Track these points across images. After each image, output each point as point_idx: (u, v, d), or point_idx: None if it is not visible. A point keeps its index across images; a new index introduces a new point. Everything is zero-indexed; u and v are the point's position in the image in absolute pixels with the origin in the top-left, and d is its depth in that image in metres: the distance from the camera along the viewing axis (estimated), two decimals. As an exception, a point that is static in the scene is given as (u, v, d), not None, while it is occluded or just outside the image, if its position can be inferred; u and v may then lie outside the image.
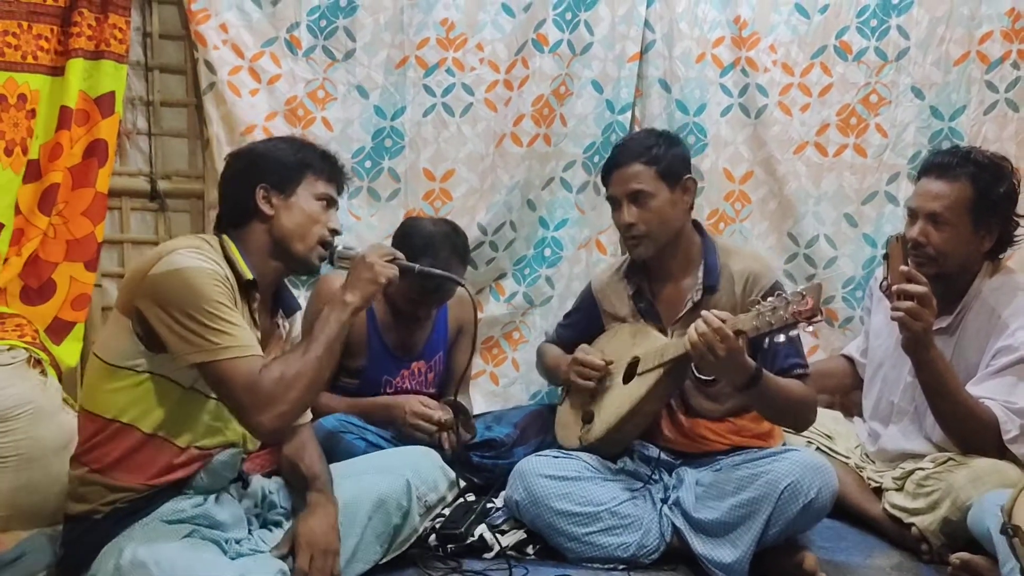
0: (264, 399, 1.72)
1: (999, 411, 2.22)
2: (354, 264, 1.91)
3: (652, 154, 2.28)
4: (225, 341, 1.72)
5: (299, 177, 1.94)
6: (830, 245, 3.06)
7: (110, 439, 1.80)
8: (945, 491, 2.18)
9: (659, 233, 2.28)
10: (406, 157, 2.99)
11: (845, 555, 2.27)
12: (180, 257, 1.75)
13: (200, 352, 1.71)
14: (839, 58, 3.00)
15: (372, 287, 1.88)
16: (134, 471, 1.80)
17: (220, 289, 1.75)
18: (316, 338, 1.81)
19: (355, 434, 2.39)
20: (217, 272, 1.77)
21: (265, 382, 1.72)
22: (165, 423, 1.81)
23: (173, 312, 1.71)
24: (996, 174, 2.34)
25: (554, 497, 2.19)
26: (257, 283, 1.88)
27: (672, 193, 2.29)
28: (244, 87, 2.86)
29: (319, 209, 1.95)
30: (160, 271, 1.74)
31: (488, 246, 3.04)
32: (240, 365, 1.72)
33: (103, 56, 2.73)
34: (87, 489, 1.81)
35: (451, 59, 2.96)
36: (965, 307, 2.37)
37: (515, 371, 3.10)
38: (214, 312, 1.72)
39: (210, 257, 1.79)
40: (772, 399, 2.13)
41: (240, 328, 1.75)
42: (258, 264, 1.90)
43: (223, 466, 1.91)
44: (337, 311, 1.85)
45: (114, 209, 2.88)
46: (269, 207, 1.91)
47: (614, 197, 2.33)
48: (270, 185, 1.91)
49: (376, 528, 1.99)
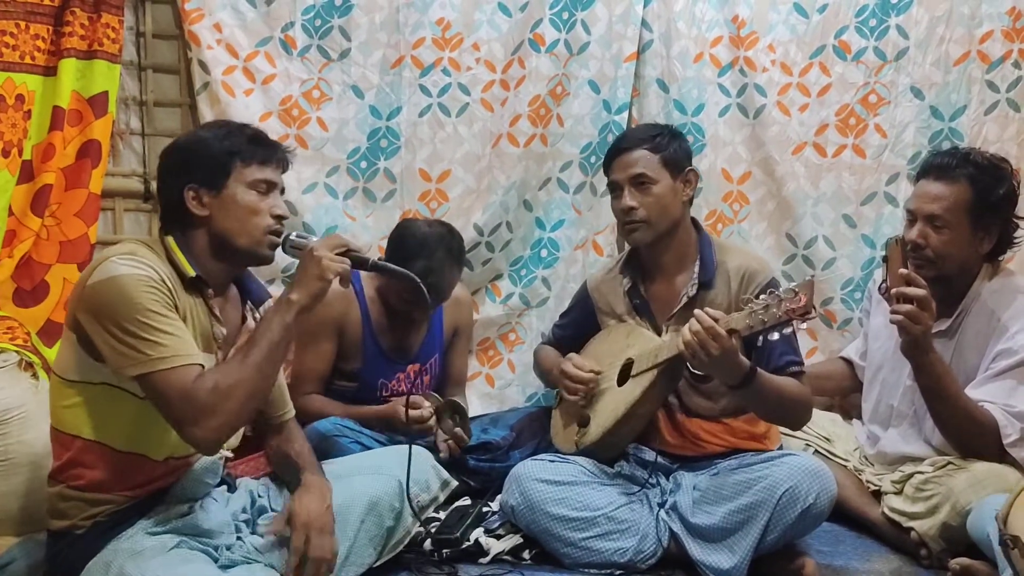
0: (199, 410, 1.65)
1: (999, 414, 2.21)
2: (302, 259, 1.79)
3: (656, 142, 2.29)
4: (157, 352, 1.65)
5: (227, 169, 1.81)
6: (829, 246, 3.04)
7: (82, 455, 1.76)
8: (944, 495, 2.17)
9: (658, 220, 2.27)
10: (402, 157, 2.97)
11: (844, 559, 2.26)
12: (113, 265, 1.68)
13: (135, 364, 1.65)
14: (838, 58, 2.98)
15: (320, 284, 1.76)
16: (113, 486, 1.77)
17: (153, 296, 1.67)
18: (257, 343, 1.71)
19: (350, 438, 2.37)
20: (151, 277, 1.69)
21: (200, 393, 1.65)
22: (134, 439, 1.77)
23: (107, 324, 1.66)
24: (995, 176, 2.33)
25: (550, 502, 2.17)
26: (204, 279, 1.81)
27: (674, 182, 2.29)
28: (238, 87, 2.84)
29: (256, 198, 1.83)
30: (95, 281, 1.68)
31: (484, 247, 3.02)
32: (173, 376, 1.65)
33: (96, 56, 2.71)
34: (67, 505, 1.77)
35: (447, 59, 2.94)
36: (964, 310, 2.35)
37: (511, 373, 3.08)
38: (146, 321, 1.65)
39: (144, 262, 1.71)
40: (766, 397, 2.11)
41: (174, 336, 1.67)
42: (206, 263, 1.82)
43: (204, 472, 1.89)
44: (281, 312, 1.74)
45: (107, 210, 2.86)
46: (201, 208, 1.81)
47: (616, 182, 2.32)
48: (198, 184, 1.80)
49: (369, 531, 1.96)
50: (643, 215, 2.27)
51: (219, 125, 1.96)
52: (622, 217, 2.31)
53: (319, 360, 2.57)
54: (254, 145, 1.85)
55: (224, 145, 1.83)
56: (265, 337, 1.72)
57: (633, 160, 2.28)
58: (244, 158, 1.83)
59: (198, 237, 1.83)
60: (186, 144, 1.88)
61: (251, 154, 1.84)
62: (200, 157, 1.82)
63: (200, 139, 1.87)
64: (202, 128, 1.97)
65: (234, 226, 1.82)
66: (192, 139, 1.90)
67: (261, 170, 1.84)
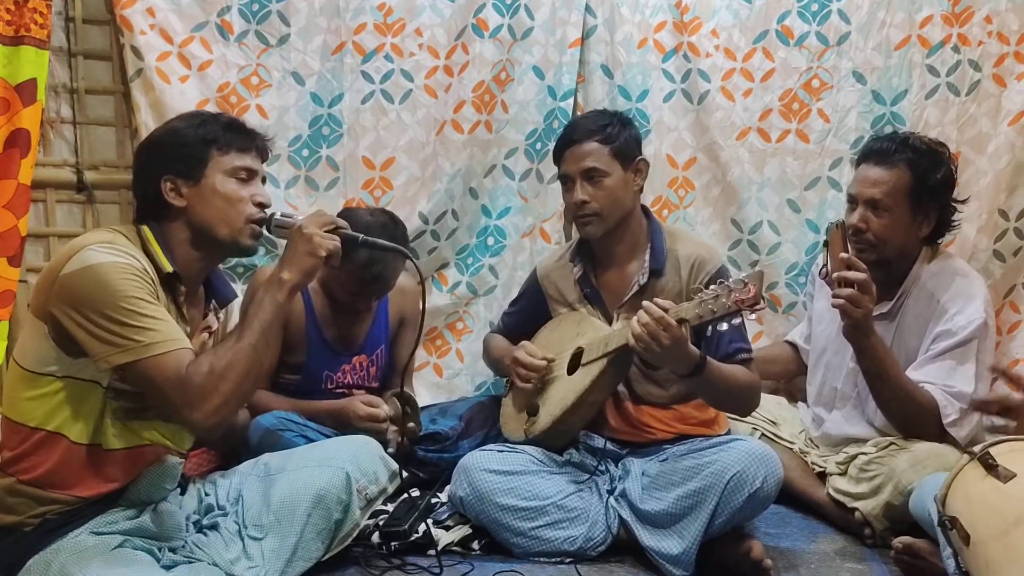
0: (195, 395, 1.62)
1: (939, 395, 2.25)
2: (291, 236, 1.77)
3: (607, 133, 2.28)
4: (148, 337, 1.62)
5: (204, 157, 1.79)
6: (773, 231, 3.06)
7: (37, 448, 1.71)
8: (887, 475, 2.20)
9: (611, 212, 2.28)
10: (344, 145, 2.92)
11: (790, 541, 2.29)
12: (92, 253, 1.64)
13: (123, 352, 1.61)
14: (781, 43, 2.99)
15: (312, 261, 1.74)
16: (66, 482, 1.72)
17: (137, 283, 1.64)
18: (250, 324, 1.69)
19: (295, 431, 2.32)
20: (132, 265, 1.66)
21: (195, 376, 1.62)
22: (91, 429, 1.73)
23: (88, 313, 1.62)
24: (934, 160, 2.37)
25: (499, 492, 2.16)
26: (181, 276, 1.78)
27: (625, 173, 2.29)
28: (173, 74, 2.76)
29: (236, 187, 1.80)
30: (71, 270, 1.64)
31: (430, 235, 2.99)
32: (167, 361, 1.62)
33: (23, 42, 2.60)
34: (16, 500, 1.72)
35: (389, 45, 2.89)
36: (905, 292, 2.39)
37: (459, 362, 3.05)
38: (132, 308, 1.62)
39: (124, 251, 1.68)
40: (716, 386, 2.13)
41: (163, 321, 1.65)
42: (183, 256, 1.80)
43: (163, 477, 1.84)
44: (273, 291, 1.72)
45: (38, 201, 2.76)
46: (180, 199, 1.78)
47: (567, 175, 2.32)
48: (175, 174, 1.78)
49: (316, 525, 1.94)
50: (595, 208, 2.27)
51: (193, 115, 1.91)
52: (574, 210, 2.31)
53: (264, 353, 2.53)
54: (231, 132, 1.83)
55: (200, 133, 1.80)
56: (258, 317, 1.70)
57: (584, 153, 2.27)
58: (221, 146, 1.80)
59: (177, 229, 1.80)
60: (160, 136, 1.85)
61: (228, 142, 1.81)
62: (176, 147, 1.79)
63: (174, 129, 1.84)
64: (176, 119, 1.91)
65: (214, 215, 1.79)
66: (166, 130, 1.86)
67: (240, 157, 1.82)
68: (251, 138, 1.86)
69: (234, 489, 2.00)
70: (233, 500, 1.98)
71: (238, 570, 1.84)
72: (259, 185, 1.86)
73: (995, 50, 2.92)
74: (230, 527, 1.93)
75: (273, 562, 1.88)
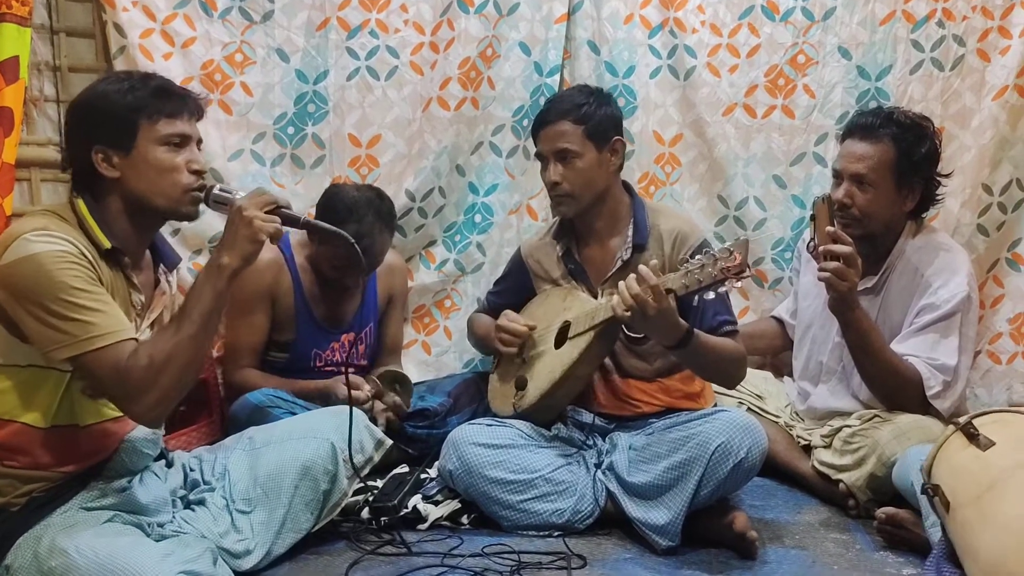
0: (134, 388, 1.61)
1: (922, 368, 2.27)
2: (230, 218, 1.68)
3: (581, 112, 2.27)
4: (86, 331, 1.60)
5: (133, 127, 1.71)
6: (759, 207, 3.06)
7: (11, 437, 1.70)
8: (871, 447, 2.23)
9: (583, 193, 2.28)
10: (330, 123, 2.90)
11: (775, 513, 2.31)
12: (26, 244, 1.60)
13: (64, 347, 1.60)
14: (766, 18, 2.99)
15: (251, 246, 1.67)
16: (47, 463, 1.72)
17: (74, 271, 1.61)
18: (189, 314, 1.64)
19: (284, 408, 2.34)
20: (69, 252, 1.62)
21: (134, 370, 1.60)
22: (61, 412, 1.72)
23: (28, 306, 1.60)
24: (918, 134, 2.38)
25: (488, 465, 2.17)
26: (121, 249, 1.74)
27: (600, 153, 2.28)
28: (157, 51, 2.73)
29: (169, 155, 1.73)
30: (9, 261, 1.60)
31: (417, 212, 2.98)
32: (105, 355, 1.61)
33: (4, 19, 2.55)
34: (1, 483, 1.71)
35: (374, 20, 2.87)
36: (890, 267, 2.41)
37: (447, 340, 3.05)
38: (70, 300, 1.59)
39: (59, 236, 1.63)
40: (703, 357, 2.14)
41: (100, 312, 1.62)
42: (122, 228, 1.74)
43: (143, 443, 1.84)
44: (212, 278, 1.66)
45: (23, 180, 2.73)
46: (112, 169, 1.72)
47: (542, 154, 2.33)
48: (106, 144, 1.71)
49: (304, 496, 1.96)
50: (567, 189, 2.27)
51: (121, 78, 1.80)
52: (548, 189, 2.32)
53: (253, 333, 2.54)
54: (160, 98, 1.74)
55: (127, 101, 1.71)
56: (197, 307, 1.65)
57: (557, 133, 2.27)
58: (150, 113, 1.72)
59: (112, 201, 1.75)
60: (87, 101, 1.77)
61: (158, 108, 1.72)
62: (103, 116, 1.72)
63: (101, 94, 1.75)
64: (104, 80, 1.81)
65: (149, 187, 1.73)
66: (93, 95, 1.77)
67: (171, 124, 1.73)
68: (182, 101, 1.77)
69: (220, 464, 2.01)
70: (219, 475, 1.98)
71: (228, 543, 1.85)
72: (194, 150, 1.77)
73: (979, 25, 2.92)
74: (218, 502, 1.93)
75: (262, 534, 1.90)
